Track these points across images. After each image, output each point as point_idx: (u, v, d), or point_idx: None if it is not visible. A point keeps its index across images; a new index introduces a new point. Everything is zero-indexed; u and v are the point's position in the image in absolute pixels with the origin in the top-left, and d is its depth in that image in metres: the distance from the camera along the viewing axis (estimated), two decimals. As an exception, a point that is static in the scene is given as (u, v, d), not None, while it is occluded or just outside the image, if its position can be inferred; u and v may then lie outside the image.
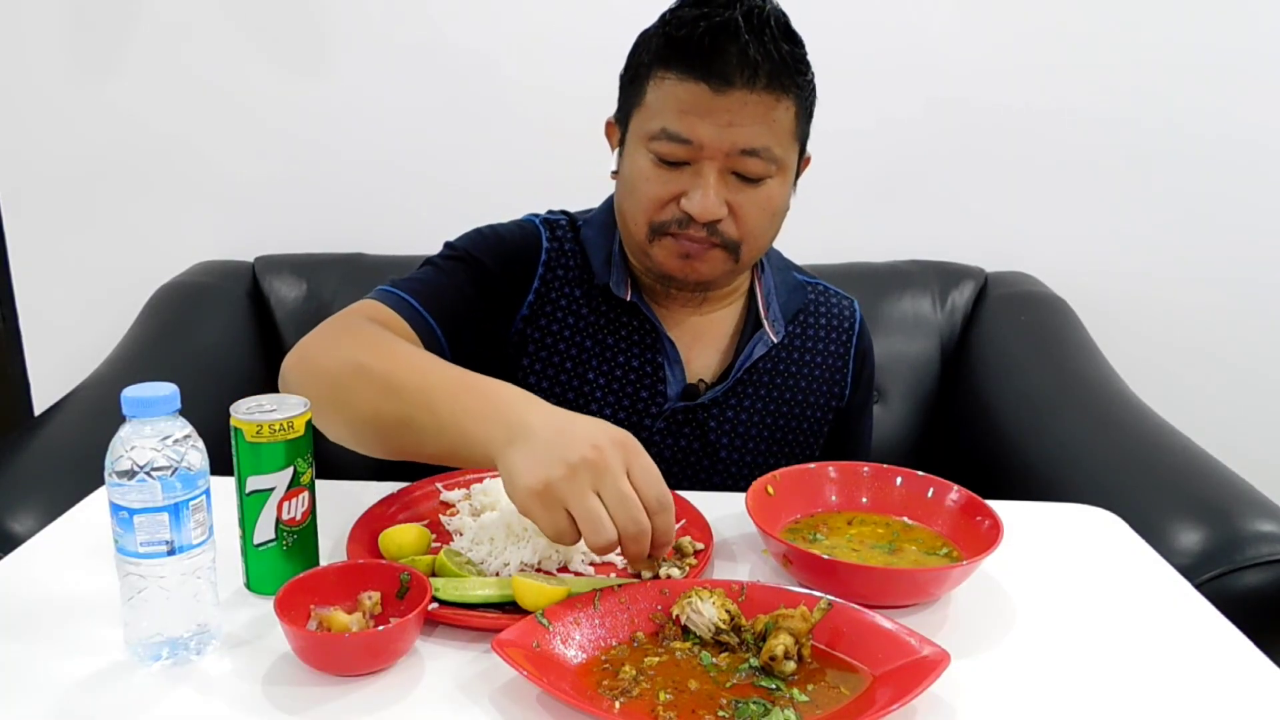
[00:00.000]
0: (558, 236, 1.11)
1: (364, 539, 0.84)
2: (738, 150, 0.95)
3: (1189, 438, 1.29)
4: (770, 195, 0.99)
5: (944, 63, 1.76)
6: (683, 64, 0.94)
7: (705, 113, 0.94)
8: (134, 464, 0.65)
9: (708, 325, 1.12)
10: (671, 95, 0.95)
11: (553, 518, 0.71)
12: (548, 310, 1.08)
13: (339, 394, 0.86)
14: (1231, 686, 0.70)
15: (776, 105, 0.95)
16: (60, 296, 1.85)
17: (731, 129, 0.94)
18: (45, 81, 1.75)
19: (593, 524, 0.70)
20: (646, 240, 1.02)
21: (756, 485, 0.89)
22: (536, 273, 1.08)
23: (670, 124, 0.95)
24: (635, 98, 1.00)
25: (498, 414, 0.76)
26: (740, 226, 0.99)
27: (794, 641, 0.68)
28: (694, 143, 0.95)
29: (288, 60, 1.76)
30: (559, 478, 0.70)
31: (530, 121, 1.37)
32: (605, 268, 1.08)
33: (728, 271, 1.03)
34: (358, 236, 1.76)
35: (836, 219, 1.19)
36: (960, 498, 0.89)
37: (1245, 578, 1.02)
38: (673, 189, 0.98)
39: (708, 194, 0.96)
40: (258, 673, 0.68)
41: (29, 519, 1.02)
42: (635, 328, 1.08)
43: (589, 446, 0.71)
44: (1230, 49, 1.75)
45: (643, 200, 1.00)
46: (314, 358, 0.91)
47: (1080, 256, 1.85)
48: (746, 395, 1.11)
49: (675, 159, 0.97)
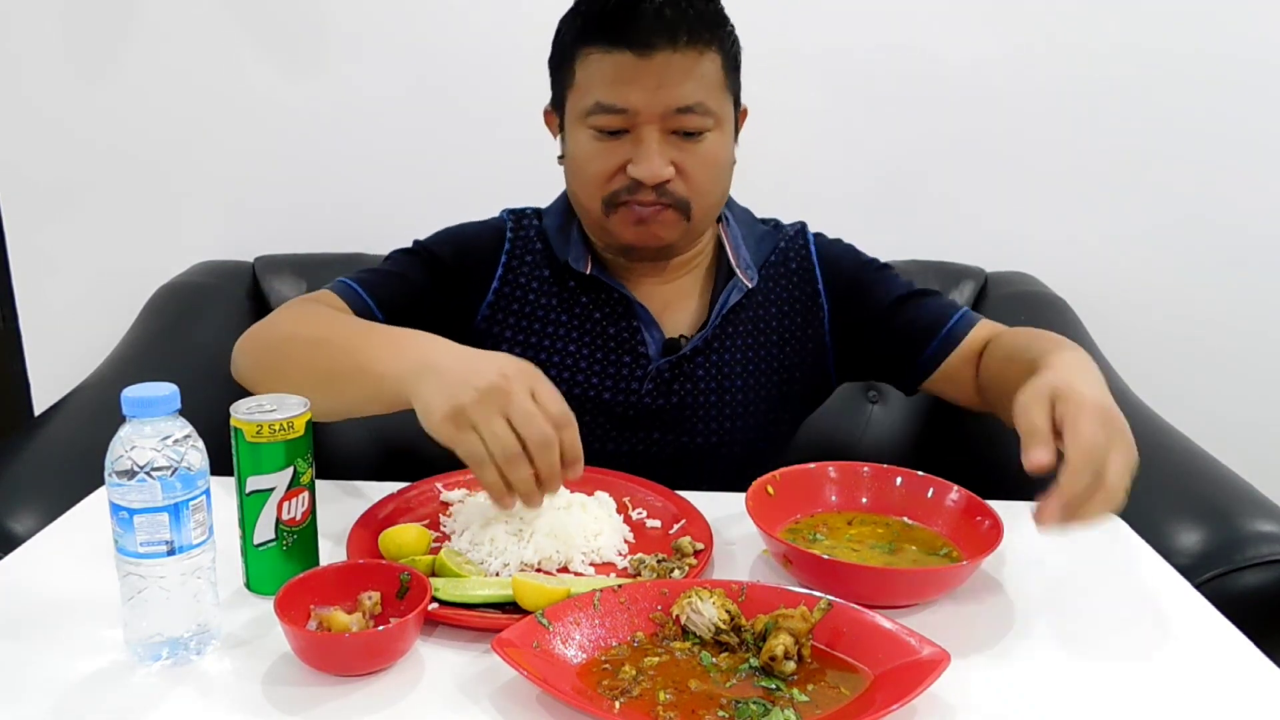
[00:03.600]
0: (523, 225, 1.16)
1: (364, 539, 0.84)
2: (672, 110, 0.98)
3: (1189, 438, 1.29)
4: (712, 149, 1.02)
5: (944, 63, 1.76)
6: (604, 37, 0.97)
7: (633, 79, 0.97)
8: (134, 464, 0.65)
9: (676, 291, 1.14)
10: (599, 69, 0.98)
11: (466, 439, 0.77)
12: (518, 295, 1.13)
13: (277, 360, 0.96)
14: (1231, 686, 0.70)
15: (701, 59, 0.98)
16: (60, 296, 1.85)
17: (662, 90, 0.97)
18: (45, 81, 1.75)
19: (501, 441, 0.76)
20: (602, 215, 1.04)
21: (756, 485, 0.89)
22: (500, 262, 1.13)
23: (602, 96, 0.98)
24: (566, 80, 1.03)
25: (407, 352, 0.84)
26: (688, 184, 1.02)
27: (794, 641, 0.68)
28: (628, 110, 0.98)
29: (288, 60, 1.76)
30: (469, 402, 0.76)
31: (531, 121, 1.35)
32: (564, 247, 1.12)
33: (684, 233, 1.06)
34: (358, 236, 1.75)
35: (836, 219, 1.19)
36: (960, 498, 0.89)
37: (1245, 578, 1.02)
38: (617, 159, 1.01)
39: (651, 157, 0.98)
40: (258, 673, 0.68)
41: (29, 519, 1.02)
42: (605, 299, 1.12)
43: (496, 374, 0.78)
44: (1230, 50, 1.75)
45: (590, 176, 1.03)
46: (256, 334, 1.01)
47: (1080, 256, 1.85)
48: (729, 338, 1.13)
49: (613, 128, 1.00)
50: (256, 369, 0.98)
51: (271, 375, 0.94)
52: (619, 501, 0.93)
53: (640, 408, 1.11)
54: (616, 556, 0.85)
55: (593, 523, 0.86)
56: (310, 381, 0.88)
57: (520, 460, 0.77)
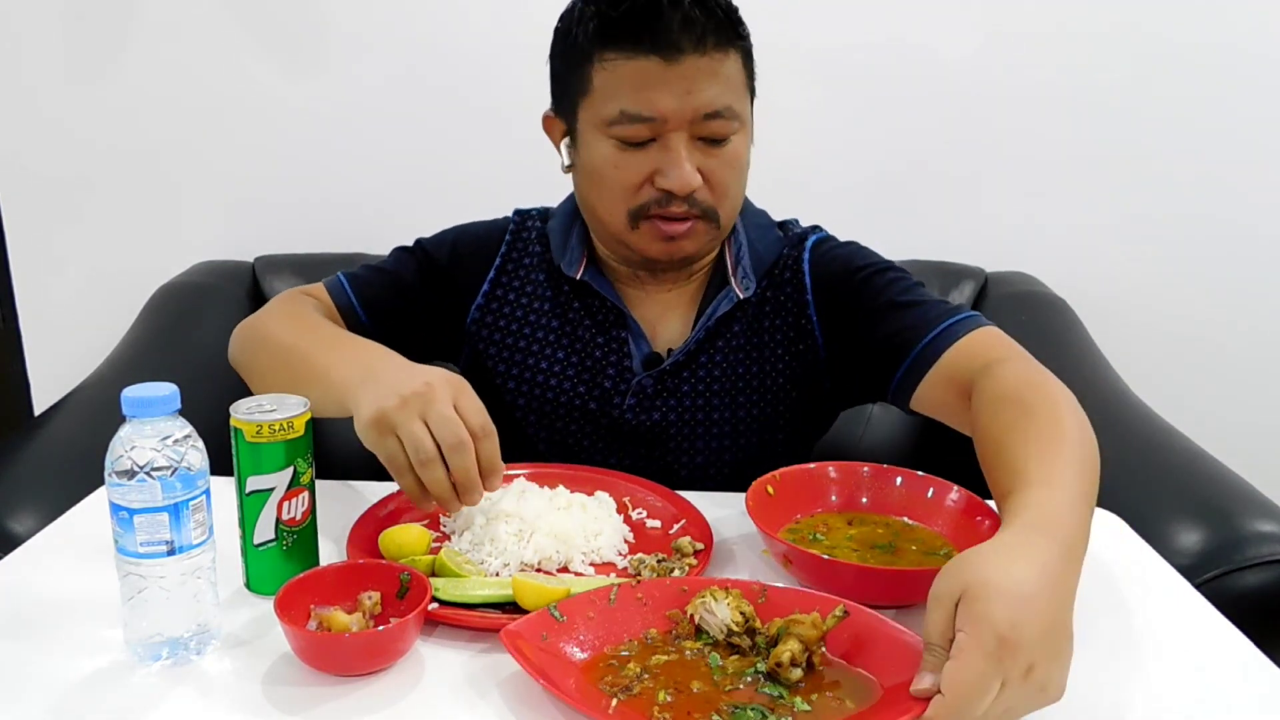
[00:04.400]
0: (526, 226, 1.14)
1: (364, 539, 0.84)
2: (701, 116, 0.94)
3: (1189, 438, 1.29)
4: (736, 152, 0.99)
5: (944, 62, 1.76)
6: (626, 41, 0.92)
7: (662, 86, 0.92)
8: (134, 464, 0.65)
9: (672, 300, 1.10)
10: (622, 75, 0.93)
11: (385, 442, 0.80)
12: (510, 298, 1.11)
13: (257, 358, 1.02)
14: (1231, 686, 0.70)
15: (725, 60, 0.94)
16: (60, 296, 1.85)
17: (691, 96, 0.92)
18: (45, 81, 1.75)
19: (414, 441, 0.78)
20: (627, 228, 0.99)
21: (756, 485, 0.89)
22: (494, 264, 1.12)
23: (628, 105, 0.93)
24: (579, 86, 0.97)
25: (355, 361, 0.88)
26: (714, 191, 0.98)
27: (802, 649, 0.67)
28: (657, 118, 0.93)
29: (288, 60, 1.76)
30: (391, 407, 0.79)
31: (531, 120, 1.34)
32: (561, 251, 1.09)
33: (710, 240, 1.03)
34: (358, 236, 1.75)
35: (836, 219, 1.19)
36: (960, 498, 0.89)
37: (1245, 578, 1.02)
38: (644, 170, 0.96)
39: (682, 166, 0.94)
40: (258, 673, 0.68)
41: (29, 519, 1.02)
42: (596, 307, 1.08)
43: (421, 383, 0.80)
44: (1231, 49, 1.75)
45: (615, 188, 0.98)
46: (245, 328, 1.06)
47: (1080, 256, 1.85)
48: (718, 352, 1.07)
49: (639, 139, 0.95)
50: (241, 360, 1.06)
51: (253, 372, 1.03)
52: (619, 501, 0.93)
53: (623, 424, 1.07)
54: (616, 556, 0.85)
55: (593, 523, 0.86)
56: (280, 382, 0.92)
57: (434, 463, 0.78)
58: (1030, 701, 0.59)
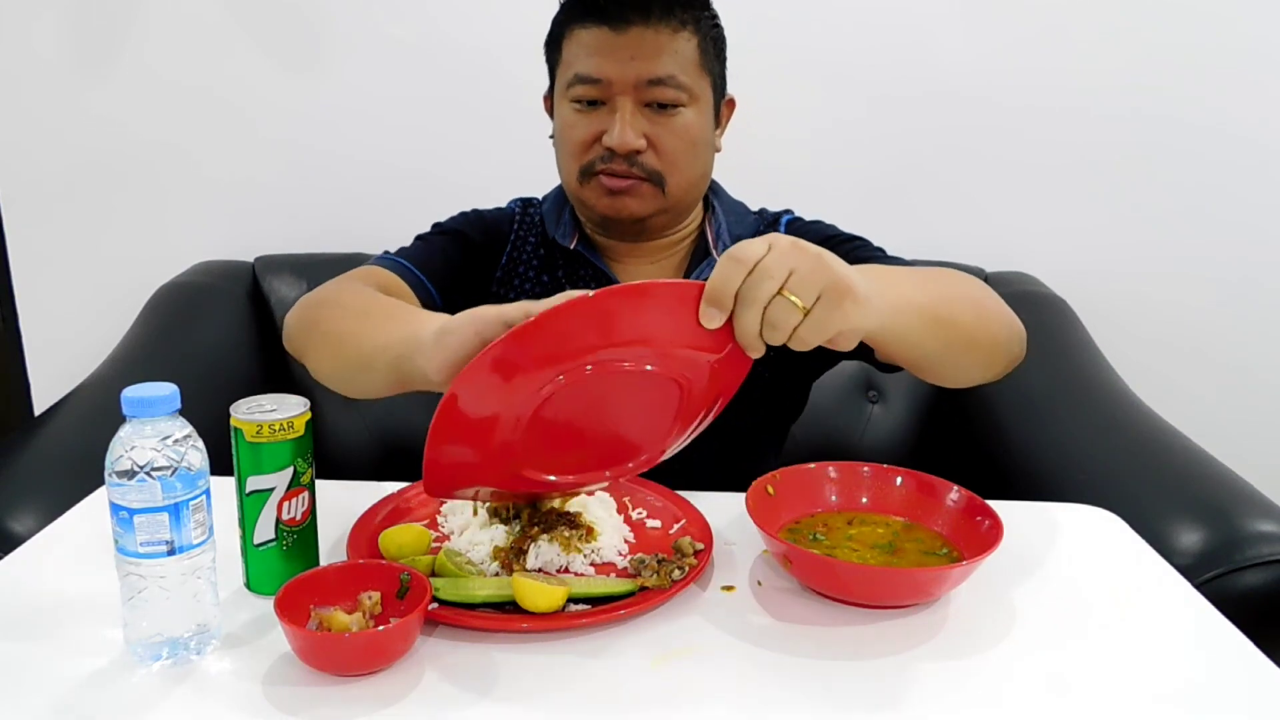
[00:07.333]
0: (528, 211, 1.21)
1: (364, 539, 0.84)
2: (644, 81, 1.02)
3: (1189, 438, 1.29)
4: (686, 124, 1.05)
5: (944, 62, 1.76)
6: (586, 15, 1.03)
7: (609, 51, 1.02)
8: (134, 464, 0.65)
9: (659, 270, 1.16)
10: (580, 44, 1.04)
11: None
12: (519, 271, 1.17)
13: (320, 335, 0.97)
14: (1231, 686, 0.70)
15: (675, 37, 1.03)
16: (60, 296, 1.85)
17: (635, 62, 1.02)
18: (45, 81, 1.75)
19: None
20: (578, 185, 1.08)
21: (757, 485, 0.89)
22: (509, 241, 1.18)
23: (581, 68, 1.04)
24: (555, 59, 1.09)
25: (410, 326, 0.84)
26: (661, 157, 1.05)
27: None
28: (603, 80, 1.03)
29: (287, 60, 1.76)
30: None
31: (531, 120, 1.35)
32: (555, 224, 1.16)
33: (660, 208, 1.08)
34: (358, 236, 1.75)
35: (836, 219, 1.19)
36: (960, 498, 0.89)
37: (1245, 578, 1.02)
38: (594, 129, 1.05)
39: (624, 126, 1.02)
40: (258, 673, 0.68)
41: (29, 519, 1.02)
42: (587, 276, 1.14)
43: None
44: (1230, 48, 1.75)
45: (570, 146, 1.07)
46: (304, 305, 1.04)
47: (1080, 256, 1.85)
48: None
49: (590, 98, 1.04)
50: (306, 339, 1.00)
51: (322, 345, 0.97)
52: (619, 501, 0.93)
53: None
54: (616, 556, 0.85)
55: (593, 522, 0.86)
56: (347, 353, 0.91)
57: None
58: (826, 309, 0.69)
